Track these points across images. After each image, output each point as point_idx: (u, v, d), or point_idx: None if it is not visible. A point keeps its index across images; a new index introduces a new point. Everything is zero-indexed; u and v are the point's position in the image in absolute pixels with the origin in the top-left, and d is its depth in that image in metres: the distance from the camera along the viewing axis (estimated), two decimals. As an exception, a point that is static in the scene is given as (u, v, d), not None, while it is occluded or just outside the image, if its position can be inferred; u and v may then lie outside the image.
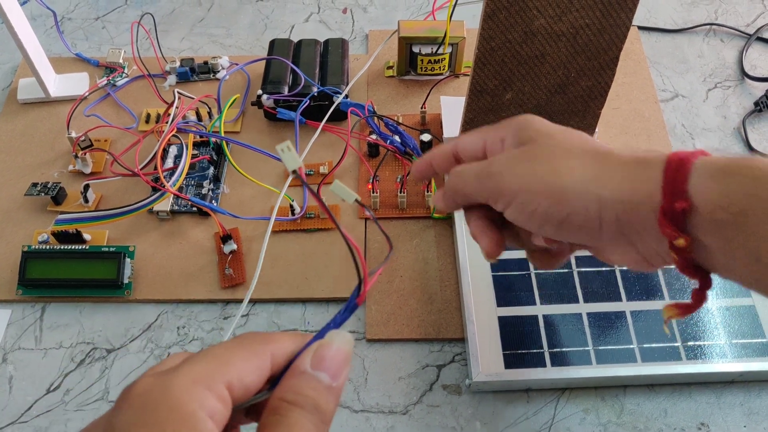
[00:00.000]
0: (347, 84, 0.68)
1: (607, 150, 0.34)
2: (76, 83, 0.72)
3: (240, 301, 0.57)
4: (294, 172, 0.28)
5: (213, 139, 0.65)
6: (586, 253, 0.55)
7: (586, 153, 0.34)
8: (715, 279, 0.32)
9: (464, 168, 0.38)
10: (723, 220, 0.29)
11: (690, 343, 0.52)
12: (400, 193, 0.61)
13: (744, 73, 0.73)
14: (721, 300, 0.54)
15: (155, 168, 0.61)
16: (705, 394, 0.52)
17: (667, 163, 0.31)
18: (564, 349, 0.52)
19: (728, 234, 0.30)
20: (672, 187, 0.30)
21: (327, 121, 0.65)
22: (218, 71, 0.73)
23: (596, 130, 0.62)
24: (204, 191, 0.63)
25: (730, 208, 0.29)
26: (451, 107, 0.64)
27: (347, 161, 0.65)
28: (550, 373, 0.51)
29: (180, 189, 0.62)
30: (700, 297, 0.33)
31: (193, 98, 0.67)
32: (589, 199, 0.33)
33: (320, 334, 0.27)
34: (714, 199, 0.30)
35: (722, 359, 0.51)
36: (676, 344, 0.52)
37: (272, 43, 0.71)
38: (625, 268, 0.56)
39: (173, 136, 0.64)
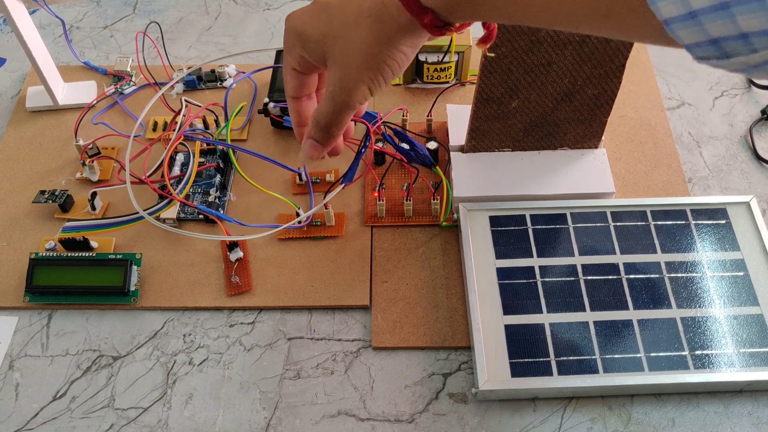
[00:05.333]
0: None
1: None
2: (84, 91, 0.72)
3: (246, 308, 0.57)
4: None
5: (220, 147, 0.65)
6: (592, 261, 0.56)
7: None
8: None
9: None
10: None
11: (698, 352, 0.52)
12: (406, 201, 0.61)
13: (750, 81, 0.73)
14: (728, 309, 0.53)
15: (162, 176, 0.61)
16: (713, 403, 0.52)
17: None
18: (571, 358, 0.51)
19: None
20: None
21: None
22: (225, 79, 0.73)
23: (602, 137, 0.62)
24: (211, 199, 0.63)
25: None
26: (457, 115, 0.64)
27: (353, 169, 0.65)
28: (556, 381, 0.50)
29: (187, 197, 0.63)
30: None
31: (200, 106, 0.67)
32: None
33: None
34: None
35: (730, 368, 0.51)
36: (683, 353, 0.52)
37: (279, 51, 0.71)
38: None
39: (180, 144, 0.64)
